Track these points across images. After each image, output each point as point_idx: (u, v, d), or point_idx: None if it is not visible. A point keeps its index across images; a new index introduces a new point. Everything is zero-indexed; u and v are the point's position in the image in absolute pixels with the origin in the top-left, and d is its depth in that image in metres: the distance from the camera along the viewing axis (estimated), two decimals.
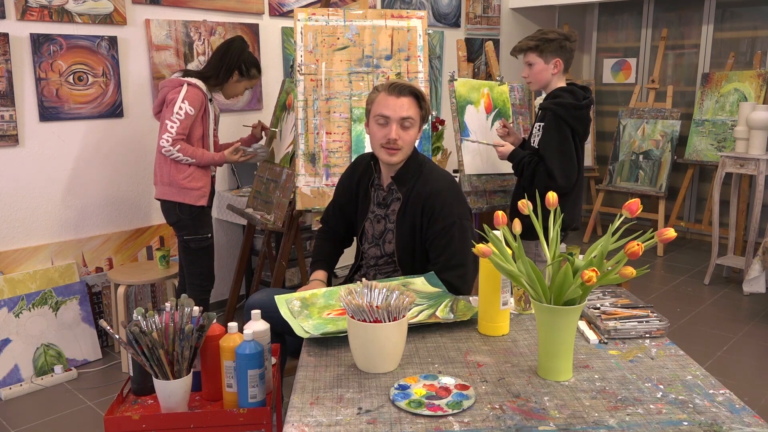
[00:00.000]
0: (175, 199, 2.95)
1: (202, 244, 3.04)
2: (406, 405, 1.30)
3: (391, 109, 2.02)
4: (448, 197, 2.06)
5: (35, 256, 3.24)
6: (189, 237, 3.01)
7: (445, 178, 2.12)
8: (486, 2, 5.60)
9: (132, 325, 1.51)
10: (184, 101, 2.84)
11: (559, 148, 2.66)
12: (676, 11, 5.94)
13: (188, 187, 2.94)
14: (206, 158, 2.94)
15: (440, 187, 2.07)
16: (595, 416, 1.27)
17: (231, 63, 2.99)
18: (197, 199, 2.96)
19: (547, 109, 2.71)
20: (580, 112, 2.68)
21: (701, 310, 4.08)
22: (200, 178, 2.96)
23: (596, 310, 1.73)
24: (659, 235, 1.30)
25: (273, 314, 1.76)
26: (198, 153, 2.90)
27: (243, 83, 3.08)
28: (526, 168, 2.73)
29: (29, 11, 3.09)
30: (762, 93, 5.03)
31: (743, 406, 1.30)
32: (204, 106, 2.93)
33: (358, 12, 3.03)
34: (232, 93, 3.10)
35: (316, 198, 2.96)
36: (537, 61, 2.76)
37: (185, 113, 2.84)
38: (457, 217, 2.05)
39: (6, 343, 3.06)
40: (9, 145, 3.11)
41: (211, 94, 3.02)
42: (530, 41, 2.76)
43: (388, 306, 1.45)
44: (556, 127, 2.67)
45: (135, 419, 1.54)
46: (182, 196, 2.94)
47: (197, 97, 2.88)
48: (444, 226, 2.04)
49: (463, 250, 2.03)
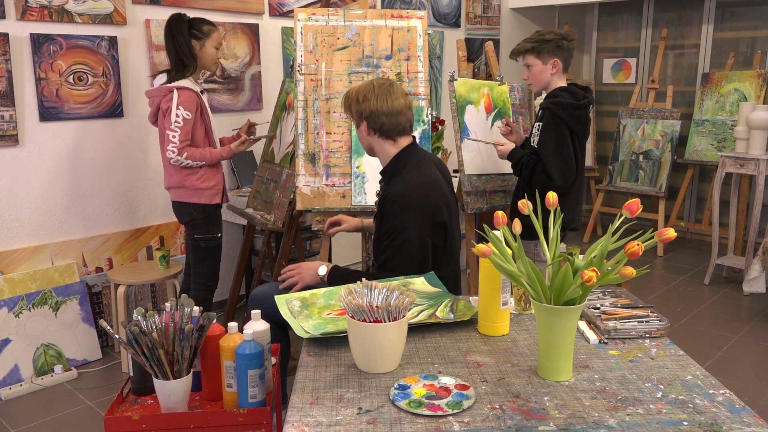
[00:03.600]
0: (190, 200, 2.95)
1: (211, 243, 3.04)
2: (406, 405, 1.30)
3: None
4: (400, 204, 2.05)
5: (35, 256, 3.24)
6: (200, 236, 3.01)
7: (408, 184, 2.07)
8: (486, 2, 5.60)
9: (132, 325, 1.51)
10: (179, 108, 2.80)
11: (556, 148, 2.67)
12: (676, 11, 5.94)
13: (202, 188, 2.94)
14: (215, 156, 2.94)
15: (399, 193, 2.06)
16: (595, 416, 1.27)
17: (183, 40, 2.88)
18: (211, 197, 2.97)
19: (546, 109, 2.71)
20: (578, 111, 2.68)
21: (701, 310, 4.08)
22: (212, 176, 2.97)
23: (596, 310, 1.73)
24: (659, 235, 1.30)
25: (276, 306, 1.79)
26: (206, 154, 2.90)
27: (207, 45, 2.94)
28: (524, 167, 2.74)
29: (29, 11, 3.09)
30: (762, 93, 5.03)
31: (743, 406, 1.30)
32: (198, 106, 2.91)
33: (358, 12, 3.03)
34: (210, 61, 2.98)
35: (316, 198, 2.96)
36: (535, 63, 2.76)
37: (183, 119, 2.81)
38: (402, 226, 2.02)
39: (6, 343, 3.06)
40: (9, 145, 3.11)
41: (200, 86, 3.01)
42: (527, 43, 2.77)
43: (388, 306, 1.45)
44: (553, 126, 2.68)
45: (135, 419, 1.54)
46: (197, 197, 2.95)
47: (190, 100, 2.85)
48: (390, 227, 2.04)
49: (399, 258, 2.02)
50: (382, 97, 2.09)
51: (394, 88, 2.12)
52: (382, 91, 2.10)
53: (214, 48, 2.97)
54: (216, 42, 2.97)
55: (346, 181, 2.97)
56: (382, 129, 2.11)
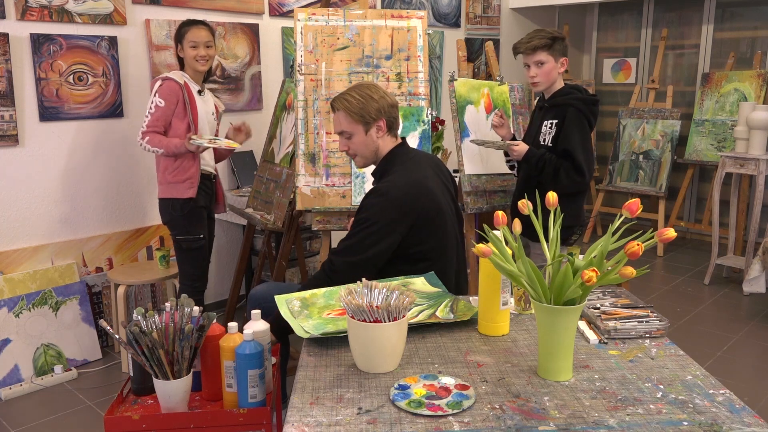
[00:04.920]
0: (167, 195, 2.97)
1: (193, 245, 3.03)
2: (406, 405, 1.30)
3: (334, 125, 2.17)
4: (373, 198, 2.04)
5: (35, 256, 3.24)
6: (181, 237, 3.01)
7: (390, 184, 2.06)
8: (486, 2, 5.60)
9: (132, 325, 1.51)
10: (155, 95, 2.89)
11: (584, 144, 2.66)
12: (676, 11, 5.94)
13: (175, 181, 2.95)
14: (171, 146, 2.89)
15: (376, 190, 2.07)
16: (595, 416, 1.27)
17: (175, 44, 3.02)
18: (185, 190, 2.95)
19: (567, 105, 2.68)
20: (596, 107, 2.72)
21: (701, 310, 4.08)
22: (187, 168, 2.95)
23: (596, 310, 1.73)
24: (659, 235, 1.30)
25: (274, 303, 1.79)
26: (164, 142, 2.89)
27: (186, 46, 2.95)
28: (547, 165, 2.67)
29: (29, 11, 3.09)
30: (762, 93, 5.03)
31: (743, 406, 1.30)
32: (180, 99, 2.91)
33: (358, 12, 3.03)
34: (190, 59, 2.96)
35: (316, 198, 2.96)
36: (548, 59, 2.69)
37: (155, 106, 2.88)
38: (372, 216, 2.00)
39: (6, 343, 3.06)
40: (9, 145, 3.11)
41: (201, 86, 3.02)
42: (542, 39, 2.69)
43: (388, 306, 1.45)
44: (579, 122, 2.66)
45: (135, 419, 1.54)
46: (171, 191, 2.96)
47: (170, 90, 2.89)
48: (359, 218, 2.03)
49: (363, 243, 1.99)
50: (381, 94, 2.12)
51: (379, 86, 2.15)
52: (376, 89, 2.12)
53: (190, 47, 2.95)
54: (190, 41, 2.95)
55: (346, 181, 2.97)
56: (391, 124, 2.14)
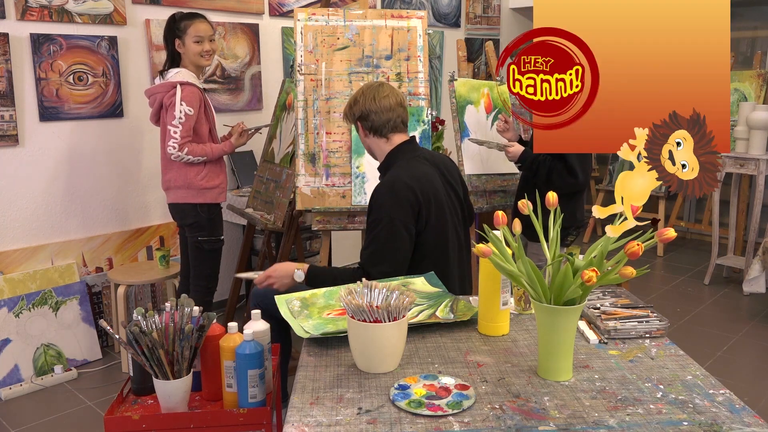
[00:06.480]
0: (194, 201, 2.92)
1: (215, 245, 3.02)
2: (406, 405, 1.30)
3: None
4: (383, 195, 2.09)
5: (35, 256, 3.24)
6: (204, 238, 2.98)
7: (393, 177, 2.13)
8: (486, 2, 5.60)
9: (132, 325, 1.51)
10: (182, 103, 2.78)
11: None
12: None
13: (207, 187, 2.92)
14: (216, 151, 2.90)
15: (382, 186, 2.12)
16: (595, 416, 1.27)
17: (169, 39, 2.89)
18: (217, 196, 2.96)
19: None
20: None
21: (701, 310, 4.08)
22: (217, 174, 2.95)
23: (596, 310, 1.73)
24: (659, 235, 1.30)
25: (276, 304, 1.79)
26: (207, 149, 2.87)
27: (186, 41, 2.87)
28: (541, 166, 2.70)
29: (29, 11, 3.09)
30: (762, 93, 5.03)
31: (743, 406, 1.30)
32: (202, 102, 2.88)
33: (358, 12, 3.03)
34: (193, 55, 2.89)
35: (316, 198, 2.96)
36: None
37: (185, 115, 2.79)
38: (386, 215, 2.05)
39: (6, 343, 3.06)
40: (9, 145, 3.11)
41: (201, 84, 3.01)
42: None
43: (388, 306, 1.45)
44: None
45: (135, 419, 1.54)
46: (202, 197, 2.92)
47: (194, 95, 2.82)
48: (374, 219, 2.08)
49: (388, 247, 2.06)
50: (370, 97, 2.19)
51: (383, 87, 2.21)
52: (371, 91, 2.20)
53: (194, 42, 2.87)
54: (194, 36, 2.86)
55: (346, 181, 2.97)
56: (373, 127, 2.20)
